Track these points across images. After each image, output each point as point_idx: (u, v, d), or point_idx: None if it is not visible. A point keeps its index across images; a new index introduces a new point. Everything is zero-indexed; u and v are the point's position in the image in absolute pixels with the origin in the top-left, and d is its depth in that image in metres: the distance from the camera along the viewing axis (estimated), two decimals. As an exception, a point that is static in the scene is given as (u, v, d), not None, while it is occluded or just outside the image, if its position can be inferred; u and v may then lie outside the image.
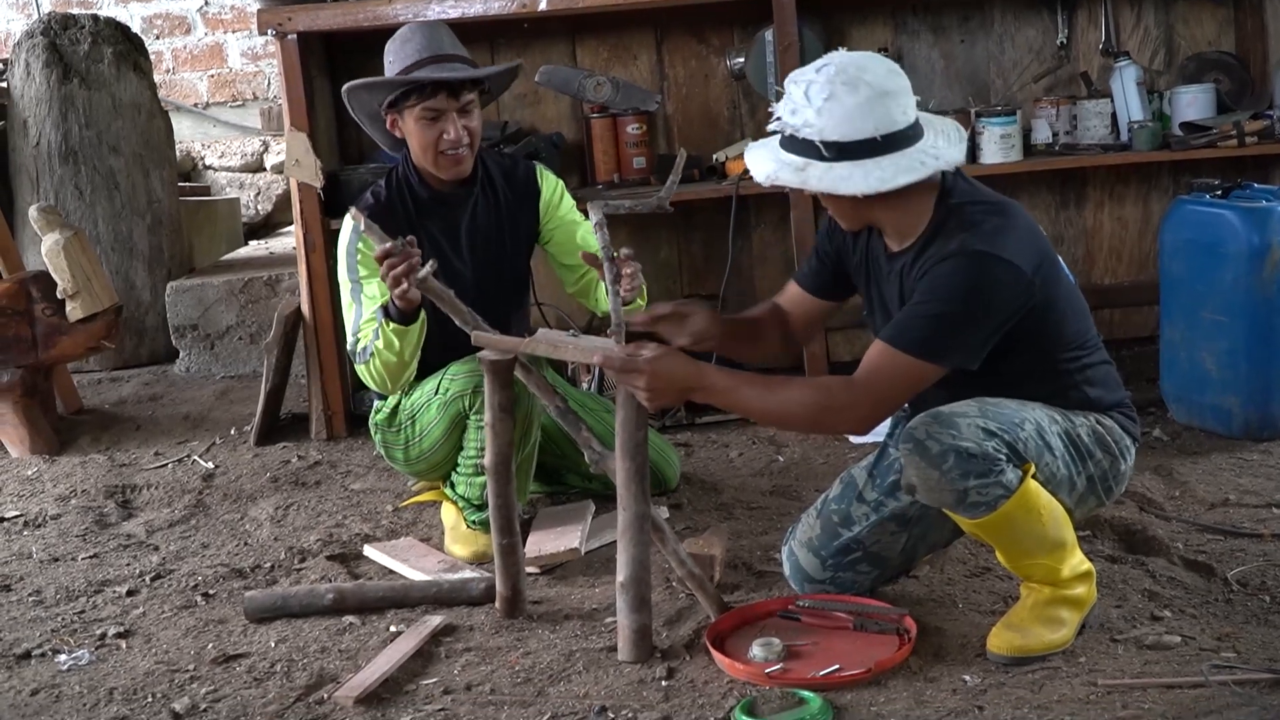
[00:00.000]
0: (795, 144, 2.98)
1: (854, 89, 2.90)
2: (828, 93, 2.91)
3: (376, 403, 4.06)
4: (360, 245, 3.88)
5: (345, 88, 4.01)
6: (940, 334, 2.95)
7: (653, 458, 3.95)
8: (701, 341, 3.29)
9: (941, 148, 3.00)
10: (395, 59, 3.93)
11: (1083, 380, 3.16)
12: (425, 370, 3.92)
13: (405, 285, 3.42)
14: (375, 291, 3.83)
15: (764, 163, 3.04)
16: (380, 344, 3.74)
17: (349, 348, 3.93)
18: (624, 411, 3.14)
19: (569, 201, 4.19)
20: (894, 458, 3.20)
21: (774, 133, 3.06)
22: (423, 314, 3.72)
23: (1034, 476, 3.00)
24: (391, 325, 3.70)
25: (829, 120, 2.91)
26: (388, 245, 3.39)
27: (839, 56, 2.98)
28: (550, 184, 4.14)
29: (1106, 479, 3.17)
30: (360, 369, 3.88)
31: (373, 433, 4.11)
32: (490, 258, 4.08)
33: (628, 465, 3.15)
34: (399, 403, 3.99)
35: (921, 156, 2.96)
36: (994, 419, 2.97)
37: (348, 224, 3.96)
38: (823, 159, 2.94)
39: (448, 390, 3.86)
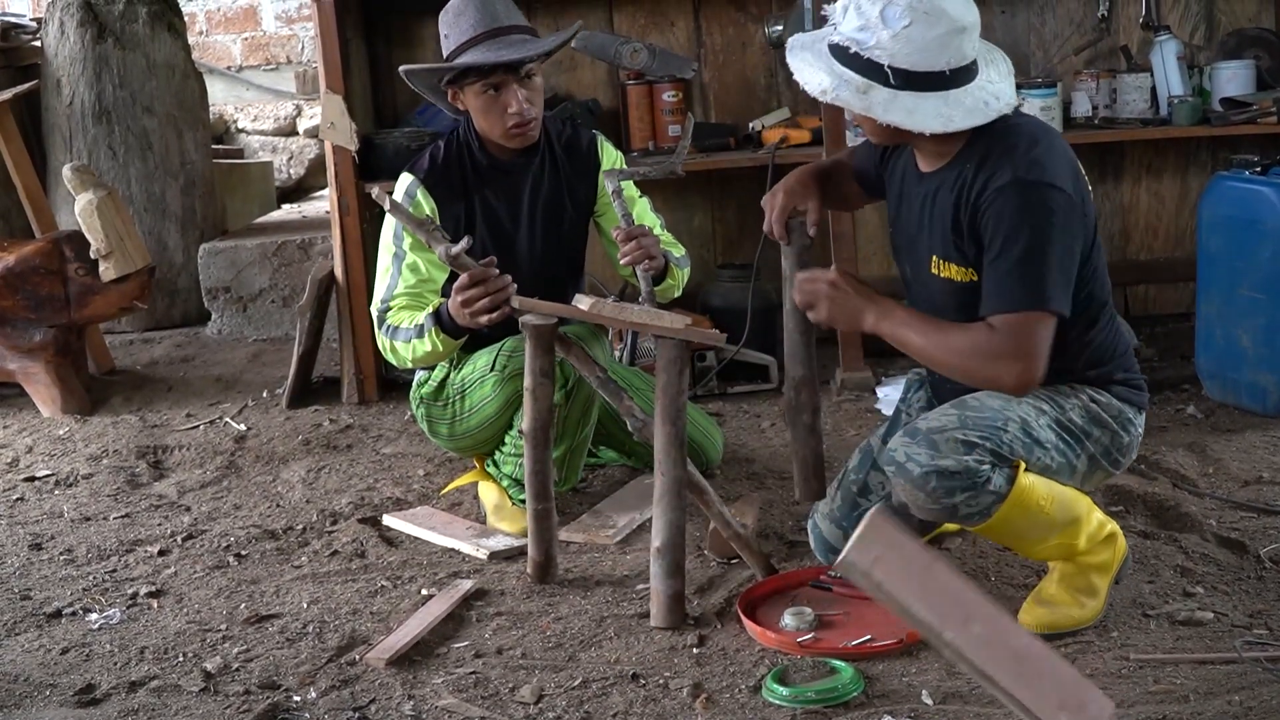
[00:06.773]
0: (856, 62, 2.87)
1: (935, 21, 2.82)
2: (908, 19, 2.82)
3: (421, 374, 3.98)
4: (411, 213, 3.81)
5: (403, 70, 3.94)
6: (1039, 275, 2.82)
7: (696, 435, 3.93)
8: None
9: (998, 85, 2.94)
10: (451, 34, 3.81)
11: (1086, 357, 3.07)
12: (474, 342, 3.83)
13: (484, 320, 3.41)
14: (418, 263, 3.78)
15: (818, 75, 2.93)
16: (423, 344, 3.67)
17: (374, 311, 3.86)
18: (664, 377, 3.13)
19: None
20: (905, 424, 3.11)
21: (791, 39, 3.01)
22: None
23: (1027, 469, 2.93)
24: (442, 335, 3.64)
25: (904, 47, 2.83)
26: (481, 269, 3.37)
27: None
28: (610, 156, 4.06)
29: (1110, 453, 3.09)
30: (382, 340, 3.82)
31: (414, 405, 4.06)
32: (550, 227, 4.00)
33: (667, 430, 3.14)
34: (447, 375, 3.91)
35: (985, 96, 2.90)
36: (974, 427, 2.89)
37: (401, 185, 3.90)
38: (888, 85, 2.86)
39: (504, 368, 3.78)
